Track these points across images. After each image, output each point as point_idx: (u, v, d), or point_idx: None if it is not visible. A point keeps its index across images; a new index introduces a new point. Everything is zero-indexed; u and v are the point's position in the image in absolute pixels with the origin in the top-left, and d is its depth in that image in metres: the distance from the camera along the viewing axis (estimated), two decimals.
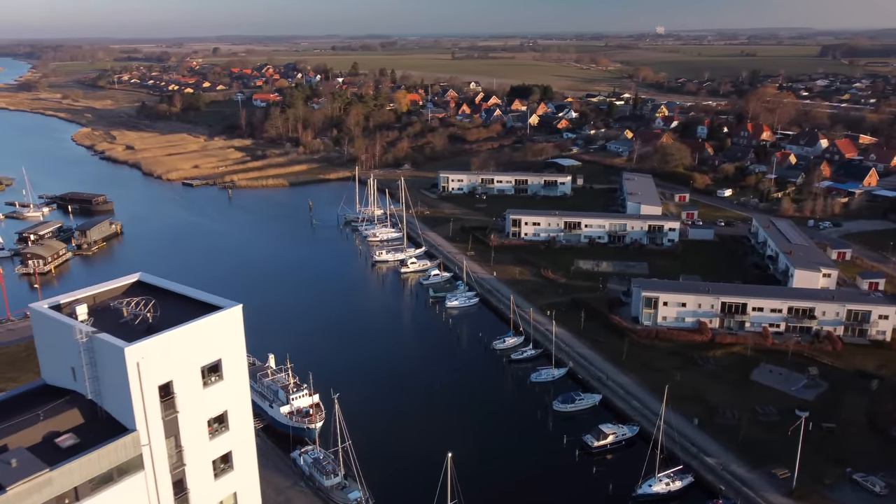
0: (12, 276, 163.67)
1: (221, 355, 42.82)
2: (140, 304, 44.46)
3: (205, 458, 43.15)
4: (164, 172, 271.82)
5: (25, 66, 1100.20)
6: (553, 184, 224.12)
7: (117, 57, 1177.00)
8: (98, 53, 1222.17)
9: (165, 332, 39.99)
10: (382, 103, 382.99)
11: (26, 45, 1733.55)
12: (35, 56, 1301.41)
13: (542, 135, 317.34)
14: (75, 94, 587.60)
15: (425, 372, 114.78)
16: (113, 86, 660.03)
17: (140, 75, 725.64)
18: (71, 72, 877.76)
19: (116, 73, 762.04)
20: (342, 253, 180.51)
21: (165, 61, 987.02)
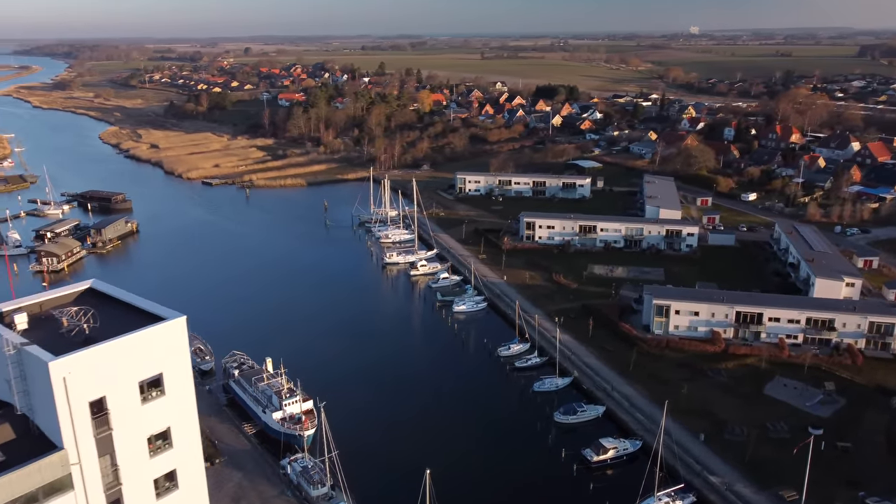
0: (27, 273, 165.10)
1: (162, 369, 40.74)
2: (80, 314, 42.52)
3: (145, 477, 41.13)
4: (185, 171, 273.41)
5: (63, 65, 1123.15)
6: (571, 186, 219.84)
7: (151, 56, 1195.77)
8: (132, 53, 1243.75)
9: (96, 346, 37.98)
10: (405, 103, 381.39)
11: (66, 44, 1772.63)
12: (73, 56, 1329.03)
13: (565, 136, 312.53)
14: (107, 93, 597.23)
15: (427, 379, 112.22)
16: (144, 85, 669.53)
17: (171, 74, 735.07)
18: (105, 71, 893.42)
19: (148, 72, 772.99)
20: (354, 254, 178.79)
21: (198, 61, 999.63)
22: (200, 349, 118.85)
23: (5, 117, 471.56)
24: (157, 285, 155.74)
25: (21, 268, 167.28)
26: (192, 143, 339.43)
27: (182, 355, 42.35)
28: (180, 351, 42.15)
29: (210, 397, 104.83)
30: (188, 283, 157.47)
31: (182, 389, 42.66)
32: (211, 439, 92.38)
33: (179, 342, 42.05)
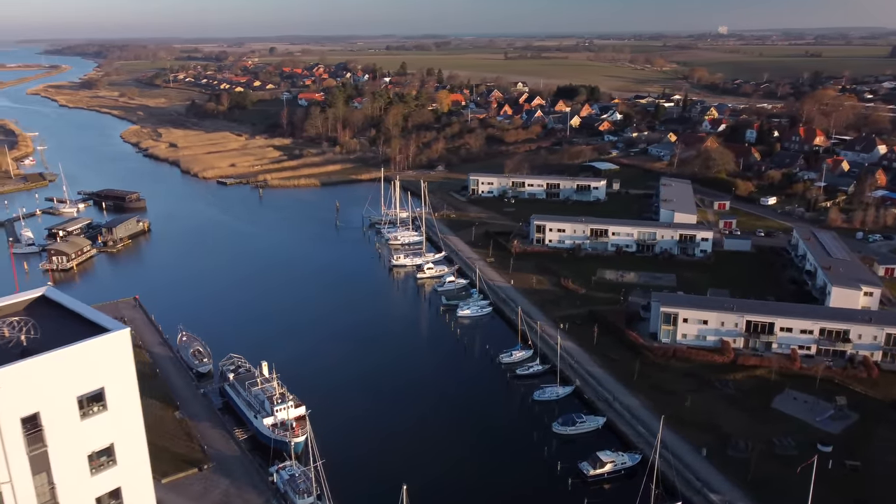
0: (37, 271, 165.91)
1: (104, 383, 39.06)
2: (21, 324, 40.98)
3: (86, 496, 39.53)
4: (201, 170, 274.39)
5: (92, 64, 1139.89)
6: (586, 188, 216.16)
7: (178, 56, 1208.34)
8: (159, 53, 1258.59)
9: (31, 359, 36.39)
10: (423, 103, 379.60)
11: (95, 44, 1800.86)
12: (102, 55, 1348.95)
13: (583, 137, 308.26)
14: (131, 93, 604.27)
15: (426, 386, 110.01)
16: (168, 84, 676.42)
17: (195, 74, 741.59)
18: (133, 70, 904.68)
19: (173, 71, 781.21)
20: (362, 256, 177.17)
21: (223, 60, 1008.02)
22: (199, 351, 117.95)
23: (32, 116, 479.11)
24: (163, 285, 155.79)
25: (32, 266, 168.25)
26: (210, 143, 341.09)
27: (126, 369, 40.60)
28: (124, 364, 40.39)
29: (204, 400, 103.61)
30: (194, 284, 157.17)
31: (126, 404, 40.91)
32: (201, 444, 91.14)
33: (123, 355, 40.25)
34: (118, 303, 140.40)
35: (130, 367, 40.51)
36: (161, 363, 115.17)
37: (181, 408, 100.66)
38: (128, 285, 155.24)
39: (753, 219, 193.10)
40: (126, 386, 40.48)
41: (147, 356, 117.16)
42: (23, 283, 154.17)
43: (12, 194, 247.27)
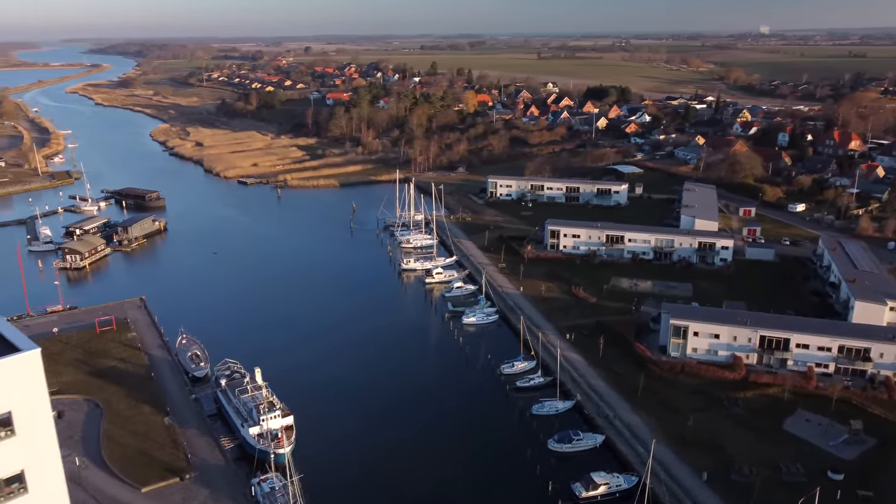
0: (51, 270, 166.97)
1: (11, 407, 36.85)
2: None
3: None
4: (223, 170, 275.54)
5: (132, 63, 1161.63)
6: (606, 192, 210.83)
7: (215, 55, 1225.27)
8: (197, 52, 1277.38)
9: None
10: (449, 104, 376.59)
11: (137, 43, 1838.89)
12: (142, 54, 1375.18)
13: (609, 139, 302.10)
14: (165, 91, 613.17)
15: (423, 398, 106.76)
16: (201, 83, 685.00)
17: (229, 73, 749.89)
18: (170, 69, 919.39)
19: (208, 70, 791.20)
20: (373, 259, 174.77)
21: (258, 60, 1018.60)
22: (197, 354, 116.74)
23: (68, 114, 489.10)
24: (172, 286, 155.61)
25: (47, 264, 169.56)
26: (235, 142, 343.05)
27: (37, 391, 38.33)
28: (34, 386, 38.09)
29: (195, 406, 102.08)
30: (202, 285, 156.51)
31: (38, 429, 38.66)
32: (186, 452, 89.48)
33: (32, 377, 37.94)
34: (124, 303, 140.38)
35: (42, 389, 38.24)
36: (158, 366, 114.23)
37: (172, 413, 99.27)
38: (137, 285, 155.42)
39: (779, 226, 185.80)
40: (37, 409, 38.25)
41: (145, 358, 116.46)
42: (37, 282, 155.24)
43: (39, 192, 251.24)
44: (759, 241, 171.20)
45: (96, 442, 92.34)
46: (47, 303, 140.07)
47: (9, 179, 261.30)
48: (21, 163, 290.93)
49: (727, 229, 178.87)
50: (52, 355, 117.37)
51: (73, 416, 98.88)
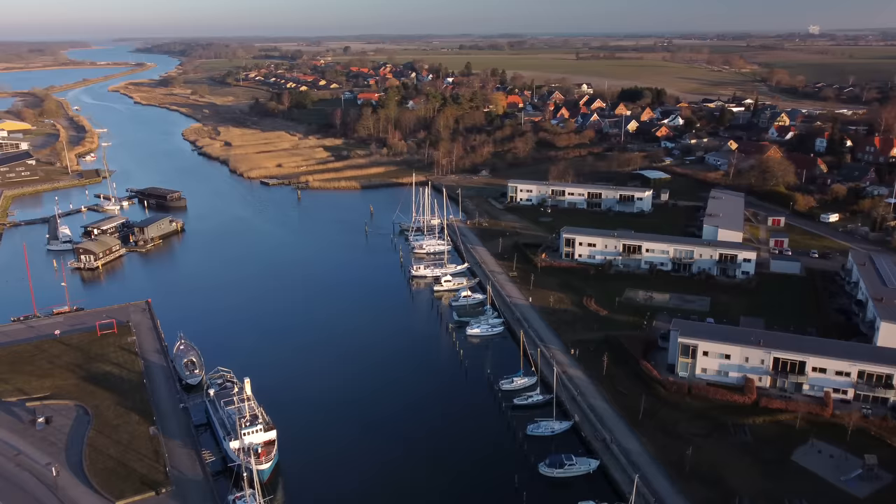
0: (66, 269, 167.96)
1: None
2: None
3: None
4: (247, 170, 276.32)
5: (176, 62, 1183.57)
6: (629, 199, 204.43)
7: (256, 55, 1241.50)
8: (238, 51, 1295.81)
9: None
10: (478, 105, 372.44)
11: (182, 42, 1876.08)
12: (186, 53, 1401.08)
13: (639, 143, 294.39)
14: (202, 91, 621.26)
15: (417, 414, 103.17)
16: (238, 83, 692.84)
17: (266, 73, 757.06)
18: (211, 69, 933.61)
19: (246, 70, 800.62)
20: (385, 265, 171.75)
21: (297, 59, 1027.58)
22: (193, 361, 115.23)
23: (107, 112, 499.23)
24: (180, 289, 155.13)
25: (63, 264, 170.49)
26: (263, 142, 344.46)
27: None
28: None
29: (182, 416, 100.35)
30: (210, 289, 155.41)
31: None
32: (165, 465, 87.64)
33: None
34: (129, 305, 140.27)
35: None
36: (152, 372, 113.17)
37: (159, 422, 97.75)
38: (146, 287, 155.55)
39: (809, 237, 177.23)
40: None
41: (141, 364, 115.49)
42: (52, 281, 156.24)
43: (67, 190, 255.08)
44: (786, 252, 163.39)
45: (80, 450, 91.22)
46: (55, 303, 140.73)
47: (39, 177, 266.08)
48: (53, 161, 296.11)
49: (753, 240, 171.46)
50: (52, 358, 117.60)
51: (61, 423, 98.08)
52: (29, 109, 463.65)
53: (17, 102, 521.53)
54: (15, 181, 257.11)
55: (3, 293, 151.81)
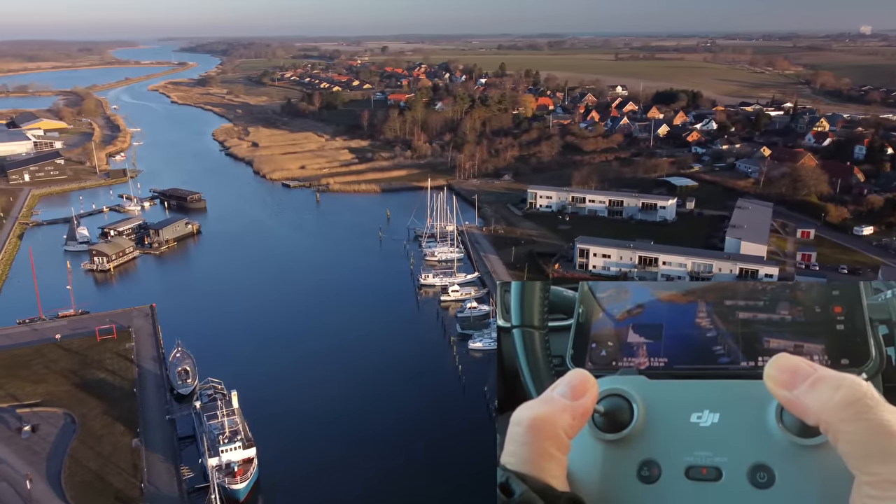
0: (80, 271, 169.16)
1: None
2: None
3: None
4: (269, 172, 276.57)
5: (217, 62, 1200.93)
6: (652, 207, 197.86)
7: (295, 54, 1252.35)
8: (278, 51, 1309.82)
9: None
10: (506, 107, 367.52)
11: (225, 42, 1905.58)
12: (228, 53, 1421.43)
13: (668, 148, 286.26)
14: (237, 90, 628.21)
15: (405, 431, 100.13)
16: (273, 83, 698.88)
17: (301, 73, 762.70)
18: (249, 68, 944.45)
19: (283, 69, 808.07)
20: (395, 272, 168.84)
21: (335, 59, 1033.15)
22: (186, 370, 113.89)
23: (143, 111, 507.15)
24: (188, 293, 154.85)
25: (77, 265, 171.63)
26: (290, 143, 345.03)
27: None
28: None
29: (168, 428, 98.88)
30: (215, 293, 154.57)
31: None
32: (142, 481, 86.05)
33: None
34: (132, 310, 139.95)
35: None
36: (145, 380, 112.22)
37: (144, 434, 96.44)
38: (155, 290, 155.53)
39: (840, 251, 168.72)
40: None
41: (135, 372, 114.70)
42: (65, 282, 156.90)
43: (94, 189, 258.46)
44: (813, 267, 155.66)
45: (60, 461, 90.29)
46: (64, 306, 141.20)
47: (67, 177, 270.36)
48: (84, 160, 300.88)
49: (779, 253, 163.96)
50: (49, 363, 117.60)
51: (47, 431, 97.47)
52: (68, 108, 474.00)
53: (59, 101, 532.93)
54: (43, 180, 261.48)
55: (14, 294, 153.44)
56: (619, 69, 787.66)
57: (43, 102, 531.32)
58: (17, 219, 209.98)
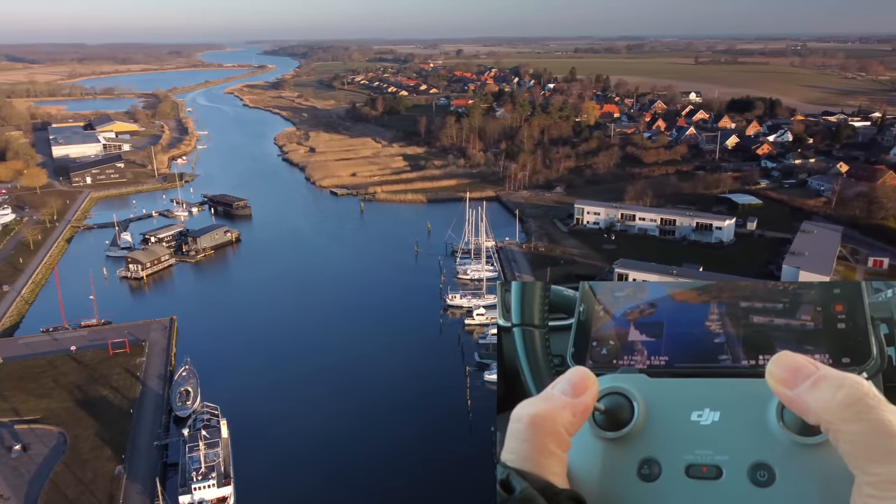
0: (115, 278, 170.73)
1: None
2: None
3: None
4: (320, 178, 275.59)
5: (295, 65, 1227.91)
6: (707, 227, 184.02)
7: (371, 58, 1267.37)
8: (354, 54, 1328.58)
9: None
10: (568, 114, 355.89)
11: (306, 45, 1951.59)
12: (306, 56, 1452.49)
13: (735, 161, 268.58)
14: (307, 94, 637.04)
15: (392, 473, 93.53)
16: (343, 86, 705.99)
17: (372, 76, 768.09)
18: (325, 71, 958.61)
19: (356, 73, 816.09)
20: (424, 289, 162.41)
21: (408, 62, 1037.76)
22: (188, 391, 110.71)
23: (214, 114, 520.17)
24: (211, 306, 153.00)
25: (114, 272, 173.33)
26: (347, 149, 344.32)
27: None
28: None
29: (155, 455, 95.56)
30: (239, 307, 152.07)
31: None
32: None
33: None
34: (152, 322, 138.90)
35: None
36: (145, 401, 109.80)
37: (128, 460, 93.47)
38: (181, 301, 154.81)
39: None
40: None
41: (137, 391, 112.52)
42: (102, 290, 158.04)
43: (151, 193, 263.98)
44: None
45: (40, 486, 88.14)
46: (90, 314, 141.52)
47: (126, 180, 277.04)
48: (146, 163, 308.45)
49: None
50: (58, 376, 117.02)
51: (37, 451, 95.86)
52: (143, 111, 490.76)
53: (137, 104, 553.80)
54: (104, 183, 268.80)
55: (50, 300, 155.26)
56: (696, 74, 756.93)
57: (125, 104, 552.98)
58: (70, 222, 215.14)
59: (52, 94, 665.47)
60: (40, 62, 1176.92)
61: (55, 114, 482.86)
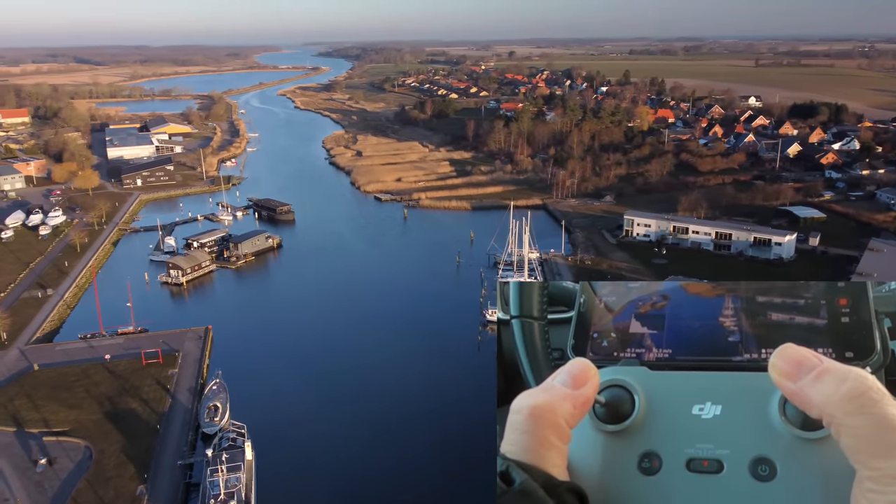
0: (155, 283, 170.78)
1: None
2: None
3: None
4: (364, 183, 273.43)
5: (349, 66, 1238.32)
6: (766, 243, 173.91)
7: (423, 59, 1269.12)
8: (407, 56, 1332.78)
9: None
10: (620, 119, 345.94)
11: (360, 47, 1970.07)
12: (360, 57, 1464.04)
13: (797, 171, 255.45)
14: (357, 96, 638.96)
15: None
16: (394, 89, 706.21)
17: (422, 79, 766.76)
18: (376, 73, 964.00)
19: (407, 75, 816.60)
20: (464, 303, 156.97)
21: (460, 64, 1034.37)
22: (217, 407, 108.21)
23: (266, 116, 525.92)
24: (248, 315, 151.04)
25: (155, 277, 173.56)
26: (393, 153, 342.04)
27: None
28: None
29: (177, 475, 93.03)
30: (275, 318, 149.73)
31: None
32: None
33: None
34: (188, 331, 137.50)
35: None
36: (174, 415, 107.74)
37: (151, 479, 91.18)
38: (219, 309, 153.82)
39: None
40: None
41: (167, 404, 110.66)
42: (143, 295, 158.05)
43: (199, 196, 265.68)
44: None
45: (61, 503, 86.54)
46: (124, 322, 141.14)
47: (175, 182, 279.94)
48: (196, 166, 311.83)
49: None
50: (91, 386, 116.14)
51: (62, 466, 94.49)
52: (197, 112, 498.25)
53: (193, 105, 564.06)
54: (153, 185, 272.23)
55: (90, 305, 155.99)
56: (757, 77, 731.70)
57: (182, 106, 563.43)
58: (118, 224, 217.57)
59: (113, 95, 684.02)
60: (105, 64, 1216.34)
61: (114, 115, 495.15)
